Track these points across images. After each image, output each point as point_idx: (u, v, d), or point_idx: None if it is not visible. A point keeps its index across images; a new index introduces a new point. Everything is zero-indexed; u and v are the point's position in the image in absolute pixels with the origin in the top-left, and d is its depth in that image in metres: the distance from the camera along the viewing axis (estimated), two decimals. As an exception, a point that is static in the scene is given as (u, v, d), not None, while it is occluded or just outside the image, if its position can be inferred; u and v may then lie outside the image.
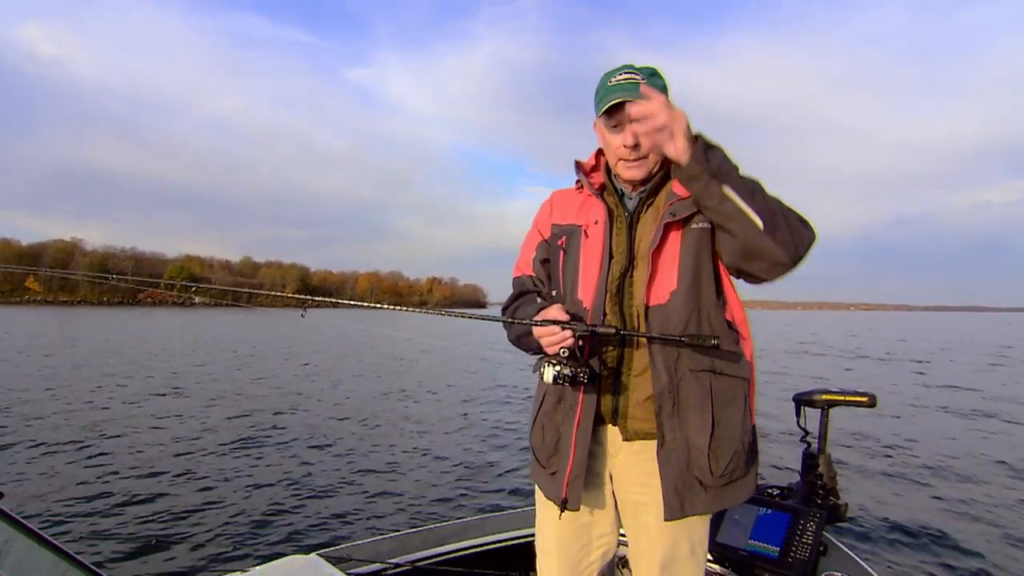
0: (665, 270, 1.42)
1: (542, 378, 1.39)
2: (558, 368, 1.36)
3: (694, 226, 1.42)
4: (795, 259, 1.30)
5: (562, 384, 1.37)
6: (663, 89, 1.44)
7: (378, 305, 1.73)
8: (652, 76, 1.44)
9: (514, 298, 1.64)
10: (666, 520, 1.39)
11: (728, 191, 1.26)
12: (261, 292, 2.12)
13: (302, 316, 1.78)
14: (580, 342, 1.43)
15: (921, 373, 16.50)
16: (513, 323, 1.49)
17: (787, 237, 1.27)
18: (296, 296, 1.85)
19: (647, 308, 1.41)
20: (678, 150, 1.25)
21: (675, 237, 1.43)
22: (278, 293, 1.99)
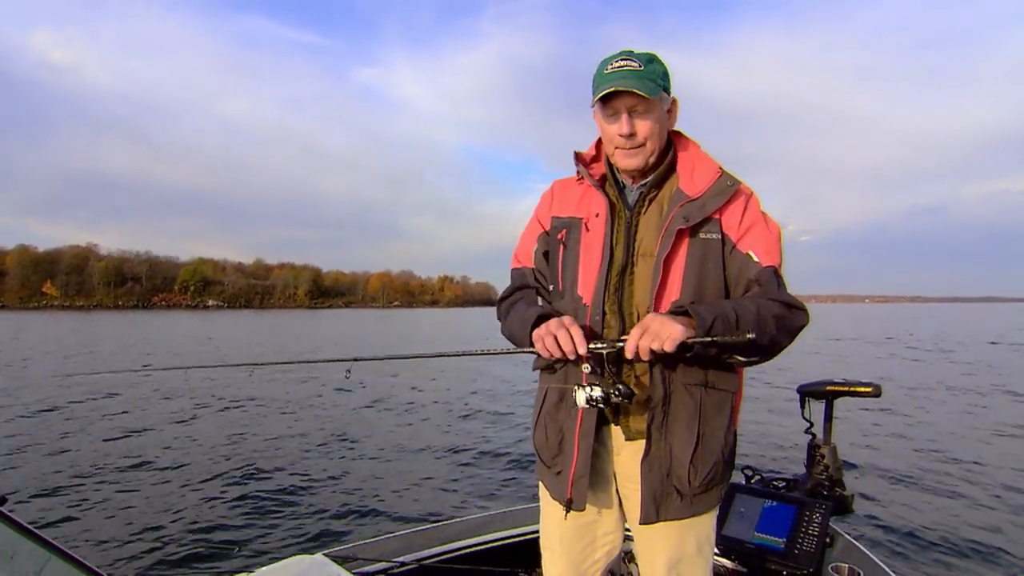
0: (669, 278, 1.38)
1: (575, 402, 1.35)
2: (589, 391, 1.33)
3: (703, 235, 1.39)
4: (773, 356, 1.38)
5: (595, 407, 1.34)
6: (663, 75, 1.40)
7: (421, 354, 1.73)
8: (650, 62, 1.38)
9: (513, 290, 1.59)
10: (640, 524, 1.41)
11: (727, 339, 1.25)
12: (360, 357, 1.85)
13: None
14: (605, 359, 1.38)
15: (927, 362, 16.31)
16: (532, 352, 1.44)
17: (770, 348, 1.33)
18: (339, 360, 1.78)
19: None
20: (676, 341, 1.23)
21: (683, 244, 1.39)
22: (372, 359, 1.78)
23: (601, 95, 1.35)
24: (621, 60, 1.37)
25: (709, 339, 1.24)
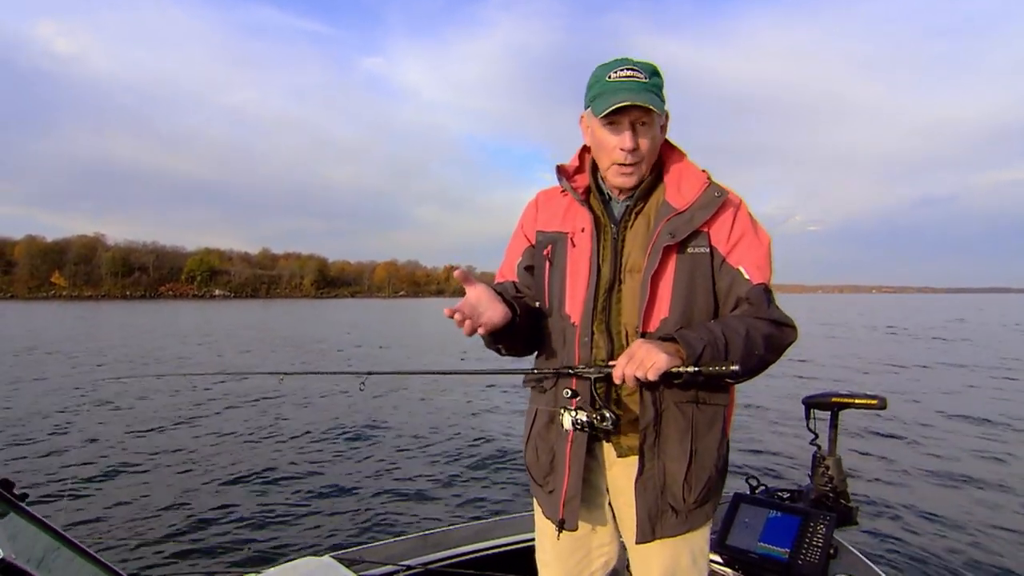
0: (658, 295, 1.36)
1: (561, 425, 1.37)
2: (575, 414, 1.34)
3: (691, 250, 1.36)
4: (760, 372, 1.36)
5: (581, 431, 1.36)
6: (661, 88, 1.36)
7: (439, 370, 1.72)
8: (654, 74, 1.34)
9: None
10: (637, 543, 1.40)
11: (714, 370, 1.24)
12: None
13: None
14: (593, 383, 1.38)
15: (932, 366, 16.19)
16: (524, 373, 1.47)
17: (757, 368, 1.32)
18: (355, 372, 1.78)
19: (643, 334, 1.35)
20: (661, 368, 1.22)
21: (671, 260, 1.36)
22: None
23: (612, 108, 1.29)
24: (626, 70, 1.33)
25: (695, 369, 1.23)
